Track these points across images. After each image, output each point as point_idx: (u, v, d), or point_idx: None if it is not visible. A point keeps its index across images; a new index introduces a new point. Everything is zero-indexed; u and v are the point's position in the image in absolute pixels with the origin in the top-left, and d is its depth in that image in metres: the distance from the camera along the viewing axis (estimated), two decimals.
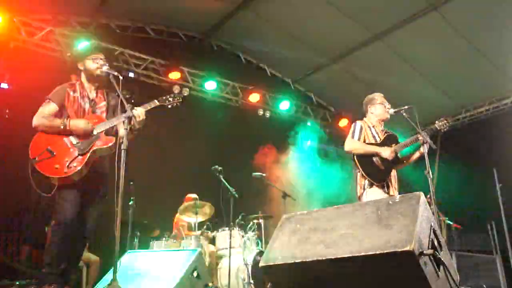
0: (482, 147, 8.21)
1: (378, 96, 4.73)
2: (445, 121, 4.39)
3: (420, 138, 4.32)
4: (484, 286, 6.28)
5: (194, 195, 6.80)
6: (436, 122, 4.40)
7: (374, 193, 4.32)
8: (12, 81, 6.54)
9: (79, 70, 3.84)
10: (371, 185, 4.37)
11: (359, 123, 4.63)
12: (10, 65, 6.64)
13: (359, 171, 4.44)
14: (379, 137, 4.58)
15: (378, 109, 4.67)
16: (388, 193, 4.37)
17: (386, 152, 4.39)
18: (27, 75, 6.61)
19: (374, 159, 4.44)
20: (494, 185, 6.86)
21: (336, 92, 9.96)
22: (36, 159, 3.44)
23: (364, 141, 4.52)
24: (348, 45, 8.26)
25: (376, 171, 4.41)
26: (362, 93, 4.99)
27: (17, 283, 5.25)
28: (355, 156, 4.46)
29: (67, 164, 3.46)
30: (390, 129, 4.79)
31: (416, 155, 4.51)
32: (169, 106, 3.85)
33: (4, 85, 6.45)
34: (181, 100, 3.90)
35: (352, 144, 4.48)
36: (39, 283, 3.59)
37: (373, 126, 4.64)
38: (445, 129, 4.38)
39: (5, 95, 6.46)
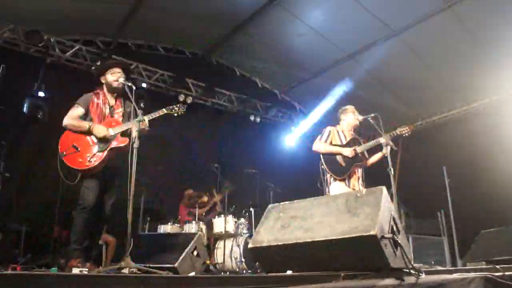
0: (436, 148, 8.27)
1: (349, 107, 4.80)
2: (407, 128, 4.43)
3: (381, 141, 4.36)
4: (433, 262, 6.36)
5: (191, 190, 6.81)
6: (398, 128, 4.44)
7: (337, 187, 4.40)
8: (48, 91, 6.53)
9: (101, 82, 3.85)
10: (334, 179, 4.44)
11: (328, 128, 4.73)
12: (46, 77, 6.64)
13: (323, 167, 4.52)
14: (345, 140, 4.64)
15: (349, 117, 4.75)
16: (349, 186, 4.42)
17: (347, 152, 4.47)
18: (60, 85, 6.62)
19: (337, 157, 4.51)
20: (444, 180, 6.93)
21: (316, 102, 9.94)
22: (64, 153, 3.48)
23: (331, 143, 4.60)
24: (326, 63, 8.25)
25: (338, 167, 4.49)
26: (337, 103, 5.04)
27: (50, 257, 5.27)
28: (321, 155, 4.55)
29: (89, 158, 3.49)
30: (360, 134, 4.85)
31: (378, 155, 4.55)
32: (175, 114, 3.85)
33: (41, 93, 6.46)
34: (185, 108, 3.89)
35: (317, 145, 4.59)
36: (67, 257, 3.63)
37: (343, 131, 4.71)
38: (407, 134, 4.42)
39: (42, 102, 6.46)
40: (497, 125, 7.48)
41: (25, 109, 6.26)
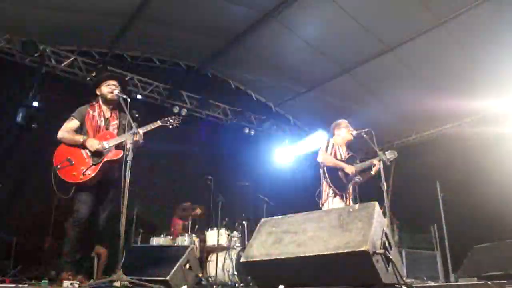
0: (430, 163, 8.32)
1: (343, 122, 4.82)
2: (393, 155, 4.46)
3: (374, 162, 4.41)
4: (425, 278, 6.33)
5: (188, 203, 6.77)
6: (387, 153, 4.45)
7: (336, 203, 4.39)
8: (42, 101, 6.48)
9: (97, 94, 3.87)
10: (334, 195, 4.42)
11: (331, 140, 4.70)
12: (41, 87, 6.59)
13: (326, 180, 4.48)
14: (344, 156, 4.66)
15: (343, 132, 4.76)
16: (345, 203, 4.43)
17: (350, 169, 4.46)
18: (54, 96, 6.61)
19: (339, 173, 4.50)
20: (437, 194, 6.96)
21: (310, 116, 10.03)
22: (58, 166, 3.47)
23: (334, 156, 4.59)
24: (320, 77, 8.33)
25: (339, 183, 4.48)
26: (332, 117, 5.07)
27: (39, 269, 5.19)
28: (325, 167, 4.51)
29: (83, 171, 3.48)
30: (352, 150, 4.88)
31: (367, 176, 4.59)
32: (170, 126, 3.87)
33: (36, 104, 6.40)
34: (180, 121, 3.91)
35: (325, 157, 4.52)
36: (59, 270, 3.60)
37: (339, 146, 4.72)
38: (391, 160, 4.45)
39: (36, 112, 6.41)
40: (491, 140, 7.57)
41: (19, 119, 6.24)
